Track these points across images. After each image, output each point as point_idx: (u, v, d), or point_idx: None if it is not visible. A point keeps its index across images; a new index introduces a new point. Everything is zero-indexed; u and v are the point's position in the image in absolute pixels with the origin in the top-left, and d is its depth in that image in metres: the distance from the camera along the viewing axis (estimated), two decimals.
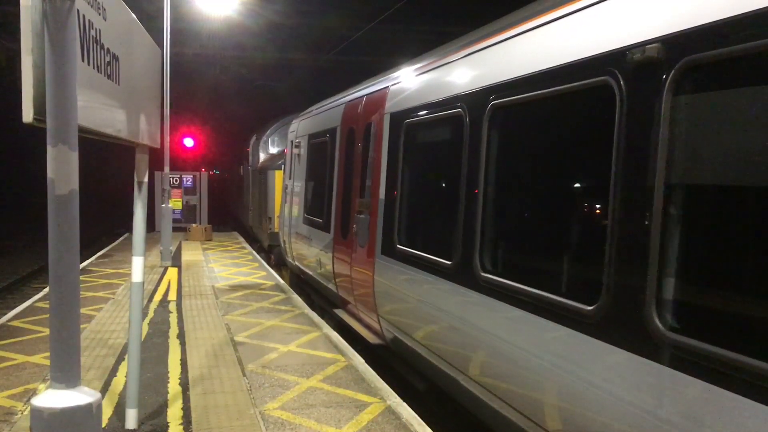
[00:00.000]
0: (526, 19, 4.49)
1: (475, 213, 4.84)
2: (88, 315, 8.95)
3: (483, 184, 4.78)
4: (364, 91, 8.40)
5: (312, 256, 10.24)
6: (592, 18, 3.72)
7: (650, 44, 3.13)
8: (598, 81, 3.50)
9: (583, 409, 3.48)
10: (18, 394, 5.79)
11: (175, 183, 23.55)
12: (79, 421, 2.83)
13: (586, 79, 3.62)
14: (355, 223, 7.87)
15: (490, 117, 4.75)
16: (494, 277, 4.52)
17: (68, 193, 2.83)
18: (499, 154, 4.72)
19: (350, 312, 8.49)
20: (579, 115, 3.94)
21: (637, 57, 3.23)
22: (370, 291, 7.18)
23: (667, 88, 2.99)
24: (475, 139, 4.92)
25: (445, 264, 5.24)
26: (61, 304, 2.87)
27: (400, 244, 6.36)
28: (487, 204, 4.75)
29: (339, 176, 8.96)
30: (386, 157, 6.93)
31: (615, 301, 3.25)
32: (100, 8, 3.33)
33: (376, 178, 7.21)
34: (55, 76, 2.69)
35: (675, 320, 2.93)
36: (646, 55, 3.15)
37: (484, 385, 4.64)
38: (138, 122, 4.45)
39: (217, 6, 18.93)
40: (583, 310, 3.48)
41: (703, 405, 2.69)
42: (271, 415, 5.44)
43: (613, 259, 3.27)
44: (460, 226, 5.05)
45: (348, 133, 8.66)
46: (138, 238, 4.96)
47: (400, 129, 6.56)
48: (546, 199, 4.28)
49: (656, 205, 3.02)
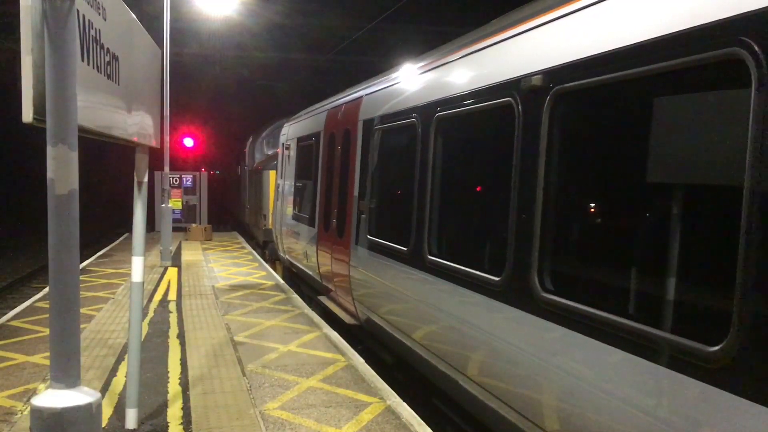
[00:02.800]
0: (455, 50, 5.64)
1: (424, 207, 5.79)
2: (88, 315, 8.96)
3: (430, 184, 5.72)
4: (343, 99, 9.35)
5: (300, 249, 11.19)
6: (496, 54, 4.82)
7: (535, 75, 4.11)
8: (504, 102, 4.48)
9: (492, 355, 4.56)
10: (18, 394, 5.79)
11: (175, 183, 23.54)
12: (79, 421, 2.83)
13: (493, 100, 4.65)
14: (334, 217, 8.86)
15: (436, 126, 5.65)
16: (437, 259, 5.45)
17: (68, 193, 2.83)
18: (442, 158, 5.66)
19: (332, 298, 9.36)
20: (490, 127, 4.91)
21: (525, 84, 4.21)
22: (346, 277, 8.17)
23: (545, 108, 4.02)
24: (425, 145, 5.84)
25: (403, 250, 6.18)
26: (61, 304, 2.87)
27: (369, 234, 7.28)
28: (433, 199, 5.67)
29: (322, 176, 9.90)
30: (359, 159, 7.89)
31: (512, 273, 4.26)
32: (100, 8, 3.33)
33: (351, 177, 8.15)
34: (55, 76, 2.69)
35: (553, 287, 3.94)
36: (531, 82, 4.12)
37: (430, 348, 5.63)
38: (138, 122, 4.45)
39: (217, 6, 18.94)
40: (492, 281, 4.48)
41: (565, 345, 3.69)
42: (271, 415, 5.44)
43: (511, 242, 4.27)
44: (413, 217, 5.98)
45: (330, 137, 9.60)
46: (138, 238, 4.96)
47: (370, 134, 7.52)
48: (470, 197, 5.35)
49: (528, 203, 4.11)
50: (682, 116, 3.16)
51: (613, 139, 3.76)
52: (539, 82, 4.03)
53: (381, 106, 7.35)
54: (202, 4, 18.84)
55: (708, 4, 2.88)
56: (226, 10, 19.59)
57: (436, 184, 5.66)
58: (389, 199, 7.05)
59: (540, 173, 3.99)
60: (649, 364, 3.03)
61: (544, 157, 3.96)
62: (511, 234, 4.27)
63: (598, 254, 3.86)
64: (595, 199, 3.97)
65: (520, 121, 4.23)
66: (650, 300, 3.31)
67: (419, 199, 5.87)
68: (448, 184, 5.57)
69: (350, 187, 8.15)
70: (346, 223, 8.25)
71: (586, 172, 4.01)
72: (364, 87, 8.46)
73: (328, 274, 9.21)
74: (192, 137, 33.07)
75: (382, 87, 7.57)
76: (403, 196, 6.33)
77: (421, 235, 5.76)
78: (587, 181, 4.01)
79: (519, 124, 4.23)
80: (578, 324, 3.53)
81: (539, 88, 4.03)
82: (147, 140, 4.84)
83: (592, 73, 3.57)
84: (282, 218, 13.20)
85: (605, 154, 3.82)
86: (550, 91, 3.93)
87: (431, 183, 5.68)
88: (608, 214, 3.87)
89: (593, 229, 3.98)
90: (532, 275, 3.99)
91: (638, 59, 3.22)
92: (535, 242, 4.00)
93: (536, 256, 3.98)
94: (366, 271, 7.41)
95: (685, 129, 3.13)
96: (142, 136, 4.64)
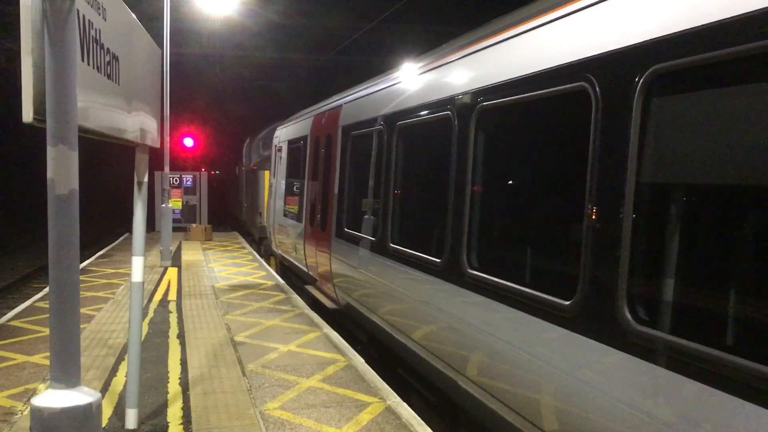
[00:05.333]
0: (412, 67, 6.62)
1: (388, 202, 6.74)
2: (88, 315, 8.95)
3: (393, 182, 6.65)
4: (327, 106, 10.26)
5: (290, 243, 12.24)
6: (436, 76, 5.80)
7: (466, 94, 5.04)
8: (444, 115, 5.41)
9: (431, 321, 5.50)
10: (18, 394, 5.79)
11: (175, 183, 23.53)
12: (79, 421, 2.83)
13: (437, 113, 5.56)
14: (318, 213, 9.91)
15: (397, 133, 6.58)
16: (397, 246, 6.37)
17: (68, 193, 2.83)
18: (403, 161, 6.53)
19: (317, 287, 10.38)
20: (434, 136, 5.67)
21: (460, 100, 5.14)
22: (328, 267, 9.12)
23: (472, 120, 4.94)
24: (389, 149, 6.77)
25: (372, 240, 7.15)
26: (61, 304, 2.87)
27: (347, 227, 8.30)
28: (396, 196, 6.62)
29: (309, 176, 10.94)
30: (339, 161, 8.87)
31: (450, 255, 5.14)
32: (100, 8, 3.33)
33: (332, 176, 9.14)
34: (55, 76, 2.69)
35: (477, 265, 4.83)
36: (463, 100, 5.05)
37: (394, 324, 6.53)
38: (138, 122, 4.45)
39: (217, 6, 18.93)
40: (435, 262, 5.42)
41: (491, 315, 4.50)
42: (271, 415, 5.44)
43: (449, 231, 5.15)
44: (380, 212, 6.94)
45: (315, 140, 10.58)
46: (138, 238, 4.96)
47: (348, 139, 8.50)
48: (420, 193, 6.31)
49: (461, 198, 5.00)
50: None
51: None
52: (469, 99, 5.00)
53: (356, 114, 8.28)
54: (202, 4, 18.84)
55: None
56: (226, 10, 19.60)
57: (398, 183, 6.62)
58: (362, 196, 7.92)
59: (468, 175, 4.96)
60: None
61: (471, 158, 4.94)
62: (449, 223, 5.19)
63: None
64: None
65: (455, 131, 5.19)
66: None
67: (384, 196, 6.85)
68: (406, 183, 6.55)
69: (332, 185, 9.13)
70: (327, 218, 9.30)
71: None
72: (344, 96, 9.36)
73: (313, 264, 10.19)
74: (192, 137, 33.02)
75: (357, 96, 8.51)
76: (372, 194, 7.40)
77: (385, 227, 6.75)
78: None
79: (455, 134, 5.20)
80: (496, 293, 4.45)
81: (469, 105, 4.98)
82: (147, 140, 4.84)
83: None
84: (274, 215, 14.13)
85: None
86: (476, 107, 4.86)
87: (393, 182, 6.67)
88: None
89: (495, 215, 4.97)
90: (462, 258, 4.95)
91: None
92: (466, 230, 4.95)
93: (466, 242, 4.93)
94: (343, 260, 8.39)
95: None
96: (142, 137, 4.64)
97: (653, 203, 3.14)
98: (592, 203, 3.41)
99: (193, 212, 24.13)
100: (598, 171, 3.38)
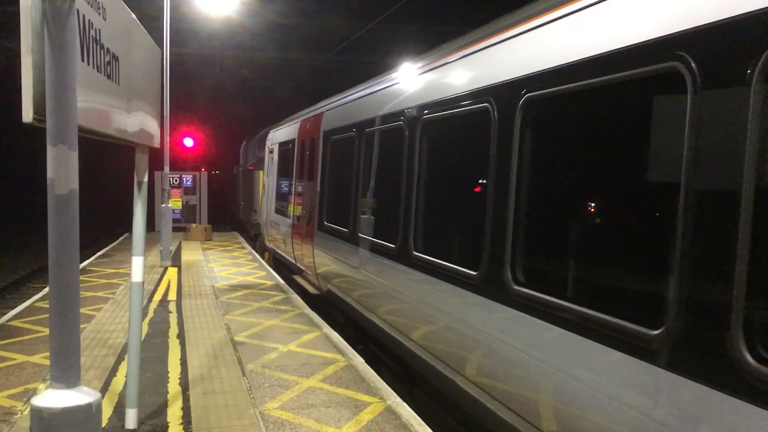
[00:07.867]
0: (378, 82, 7.67)
1: (357, 198, 7.74)
2: (88, 315, 8.95)
3: (362, 182, 7.65)
4: (313, 112, 11.30)
5: (280, 237, 13.37)
6: (390, 93, 7.03)
7: (413, 107, 6.12)
8: (397, 125, 6.49)
9: (391, 300, 6.53)
10: (18, 394, 5.79)
11: (175, 183, 23.52)
12: (79, 421, 2.83)
13: (393, 123, 6.62)
14: (303, 209, 11.10)
15: (365, 139, 7.55)
16: (364, 236, 7.38)
17: (68, 193, 2.83)
18: (369, 163, 7.45)
19: (303, 276, 11.42)
20: (395, 141, 6.47)
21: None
22: (312, 257, 10.16)
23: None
24: (359, 153, 7.80)
25: (345, 231, 8.16)
26: (61, 304, 2.87)
27: (327, 221, 9.33)
28: (368, 194, 7.48)
29: (296, 175, 12.02)
30: (321, 163, 9.96)
31: (401, 241, 6.13)
32: (100, 8, 3.33)
33: (315, 177, 10.28)
34: (55, 76, 2.69)
35: (421, 248, 5.74)
36: (414, 113, 6.03)
37: (366, 305, 7.40)
38: (138, 122, 4.45)
39: (217, 6, 18.93)
40: (390, 247, 6.40)
41: (433, 291, 5.40)
42: (271, 415, 5.44)
43: (402, 219, 6.10)
44: (353, 207, 7.93)
45: (302, 143, 11.64)
46: (138, 238, 4.96)
47: (329, 143, 9.56)
48: (387, 192, 6.91)
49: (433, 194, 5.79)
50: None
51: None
52: (415, 112, 6.05)
53: (335, 121, 9.39)
54: (202, 4, 18.84)
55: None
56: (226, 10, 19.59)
57: (366, 183, 7.56)
58: (339, 194, 8.89)
59: (416, 175, 5.96)
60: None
61: (417, 160, 5.96)
62: (400, 215, 6.08)
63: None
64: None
65: (406, 134, 6.14)
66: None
67: (354, 194, 7.87)
68: (372, 183, 7.43)
69: (314, 185, 10.33)
70: (311, 214, 10.44)
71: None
72: (326, 103, 10.42)
73: (300, 256, 11.34)
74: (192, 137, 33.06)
75: (336, 105, 9.61)
76: (346, 192, 8.38)
77: (356, 220, 7.77)
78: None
79: (406, 137, 6.17)
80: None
81: (414, 117, 6.01)
82: (147, 140, 4.84)
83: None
84: (267, 212, 15.30)
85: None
86: (420, 120, 5.90)
87: (362, 181, 7.67)
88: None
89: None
90: (409, 243, 5.91)
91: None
92: (402, 221, 5.98)
93: (413, 231, 5.83)
94: (324, 251, 9.48)
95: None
96: (142, 136, 4.64)
97: (530, 196, 4.25)
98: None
99: (193, 212, 24.11)
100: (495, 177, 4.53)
